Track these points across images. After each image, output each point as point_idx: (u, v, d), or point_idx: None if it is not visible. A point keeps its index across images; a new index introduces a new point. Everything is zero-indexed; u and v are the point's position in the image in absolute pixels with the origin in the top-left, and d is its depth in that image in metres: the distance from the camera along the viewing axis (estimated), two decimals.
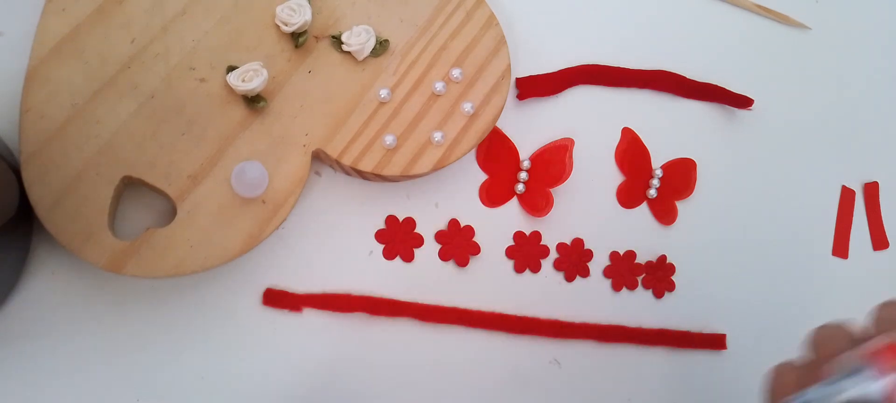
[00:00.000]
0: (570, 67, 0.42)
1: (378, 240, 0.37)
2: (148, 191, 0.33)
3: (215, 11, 0.35)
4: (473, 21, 0.38)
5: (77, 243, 0.31)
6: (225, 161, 0.33)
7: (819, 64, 0.48)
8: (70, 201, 0.31)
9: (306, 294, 0.36)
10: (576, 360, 0.39)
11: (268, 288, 0.35)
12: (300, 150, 0.34)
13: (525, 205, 0.40)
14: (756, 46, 0.46)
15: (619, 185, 0.42)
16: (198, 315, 0.34)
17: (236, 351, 0.35)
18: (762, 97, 0.45)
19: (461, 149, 0.36)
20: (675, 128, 0.43)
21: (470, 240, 0.38)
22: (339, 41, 0.36)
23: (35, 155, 0.31)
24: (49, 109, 0.32)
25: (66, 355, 0.33)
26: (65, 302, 0.33)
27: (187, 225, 0.32)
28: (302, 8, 0.35)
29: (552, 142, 0.40)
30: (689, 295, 0.42)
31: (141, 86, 0.33)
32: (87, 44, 0.33)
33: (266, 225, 0.33)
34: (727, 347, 0.42)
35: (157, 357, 0.34)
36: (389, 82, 0.36)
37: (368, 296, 0.36)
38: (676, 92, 0.44)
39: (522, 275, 0.39)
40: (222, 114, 0.34)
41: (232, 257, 0.32)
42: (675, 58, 0.44)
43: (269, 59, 0.35)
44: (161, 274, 0.31)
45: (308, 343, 0.35)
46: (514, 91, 0.41)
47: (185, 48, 0.34)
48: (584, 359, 0.39)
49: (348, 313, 0.36)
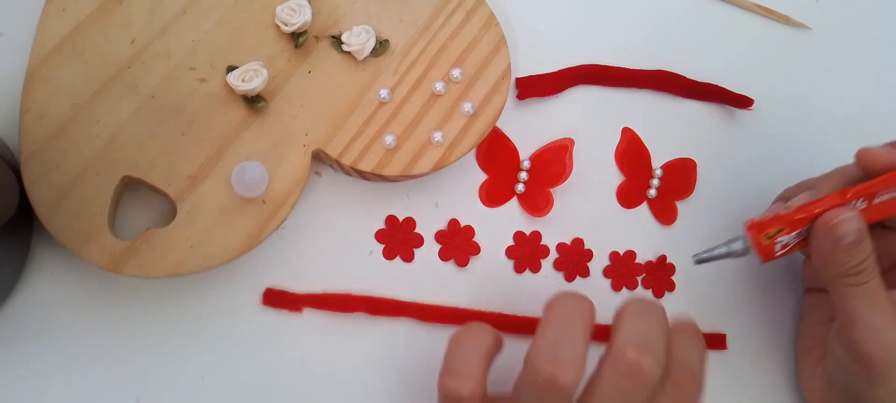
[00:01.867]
0: (570, 67, 0.42)
1: (378, 240, 0.37)
2: (148, 191, 0.33)
3: (215, 11, 0.35)
4: (473, 21, 0.38)
5: (77, 243, 0.31)
6: (225, 161, 0.33)
7: (819, 64, 0.48)
8: (70, 201, 0.31)
9: (306, 294, 0.36)
10: None
11: (268, 287, 0.35)
12: (300, 150, 0.34)
13: (525, 205, 0.40)
14: (756, 46, 0.46)
15: (619, 185, 0.42)
16: (198, 315, 0.34)
17: (236, 351, 0.35)
18: (762, 97, 0.45)
19: (461, 149, 0.36)
20: (675, 128, 0.43)
21: (470, 240, 0.38)
22: (339, 41, 0.36)
23: (35, 155, 0.31)
24: (49, 109, 0.32)
25: (66, 355, 0.33)
26: (65, 302, 0.33)
27: (187, 225, 0.32)
28: (302, 8, 0.35)
29: (552, 142, 0.40)
30: (689, 295, 0.42)
31: (141, 86, 0.33)
32: (87, 44, 0.33)
33: (266, 225, 0.33)
34: (727, 347, 0.42)
35: (157, 357, 0.34)
36: (389, 82, 0.36)
37: (368, 296, 0.36)
38: (676, 92, 0.44)
39: (522, 275, 0.39)
40: (222, 114, 0.34)
41: (232, 257, 0.32)
42: (675, 58, 0.44)
43: (269, 59, 0.35)
44: (161, 274, 0.31)
45: (308, 344, 0.35)
46: (514, 91, 0.41)
47: (185, 48, 0.34)
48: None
49: (348, 313, 0.36)
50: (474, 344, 0.32)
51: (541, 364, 0.29)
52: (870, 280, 0.33)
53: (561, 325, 0.30)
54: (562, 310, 0.31)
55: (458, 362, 0.31)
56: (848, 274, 0.34)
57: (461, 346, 0.32)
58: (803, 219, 0.34)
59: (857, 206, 0.34)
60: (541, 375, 0.29)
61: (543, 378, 0.29)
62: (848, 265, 0.33)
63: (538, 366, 0.29)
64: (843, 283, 0.34)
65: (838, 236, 0.33)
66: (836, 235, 0.33)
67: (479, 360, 0.31)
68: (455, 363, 0.31)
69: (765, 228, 0.35)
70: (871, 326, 0.33)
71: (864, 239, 0.33)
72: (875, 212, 0.34)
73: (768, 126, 0.45)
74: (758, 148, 0.45)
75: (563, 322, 0.30)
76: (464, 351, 0.31)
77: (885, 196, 0.33)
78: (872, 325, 0.33)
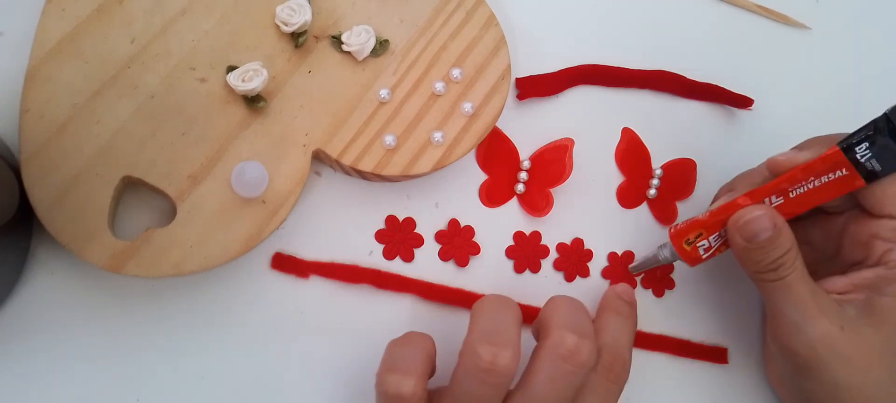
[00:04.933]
0: (570, 67, 0.42)
1: (378, 240, 0.37)
2: (148, 191, 0.33)
3: (215, 11, 0.35)
4: (473, 21, 0.38)
5: (77, 243, 0.31)
6: (225, 161, 0.33)
7: (819, 64, 0.48)
8: (70, 201, 0.31)
9: (314, 261, 0.36)
10: None
11: (276, 252, 0.35)
12: (300, 150, 0.34)
13: (525, 205, 0.40)
14: (756, 46, 0.46)
15: (619, 185, 0.42)
16: (198, 315, 0.34)
17: (236, 352, 0.35)
18: (762, 97, 0.45)
19: (461, 149, 0.36)
20: (675, 128, 0.43)
21: (470, 240, 0.38)
22: (339, 41, 0.36)
23: (35, 155, 0.31)
24: (49, 109, 0.32)
25: (66, 355, 0.33)
26: (65, 302, 0.33)
27: (187, 225, 0.32)
28: (302, 8, 0.35)
29: (552, 142, 0.40)
30: (689, 295, 0.42)
31: (141, 86, 0.33)
32: (87, 44, 0.33)
33: (266, 225, 0.33)
34: (729, 361, 0.41)
35: (157, 357, 0.34)
36: (389, 82, 0.36)
37: (375, 269, 0.37)
38: (676, 92, 0.44)
39: (522, 275, 0.39)
40: (222, 114, 0.34)
41: (232, 257, 0.32)
42: (675, 58, 0.44)
43: (269, 59, 0.35)
44: (161, 274, 0.31)
45: (308, 343, 0.35)
46: (514, 91, 0.41)
47: (185, 48, 0.34)
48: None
49: (354, 284, 0.36)
50: (414, 346, 0.32)
51: (480, 348, 0.29)
52: (788, 274, 0.33)
53: (492, 315, 0.32)
54: (490, 304, 0.32)
55: (399, 360, 0.31)
56: (766, 271, 0.34)
57: (400, 348, 0.32)
58: (719, 222, 0.35)
59: (771, 203, 0.34)
60: (481, 359, 0.29)
61: (484, 360, 0.29)
62: (765, 262, 0.33)
63: (478, 350, 0.29)
64: (762, 280, 0.34)
65: (750, 234, 0.33)
66: (748, 234, 0.33)
67: (420, 359, 0.31)
68: (395, 361, 0.31)
69: (684, 235, 0.36)
70: (793, 322, 0.33)
71: (780, 235, 0.33)
72: (794, 205, 0.34)
73: (768, 126, 0.45)
74: (758, 148, 0.45)
75: (493, 312, 0.32)
76: (404, 352, 0.31)
77: (800, 189, 0.33)
78: (794, 321, 0.33)
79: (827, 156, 0.32)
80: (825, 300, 0.33)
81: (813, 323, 0.33)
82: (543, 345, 0.31)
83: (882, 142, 0.31)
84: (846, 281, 0.34)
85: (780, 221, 0.33)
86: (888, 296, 0.33)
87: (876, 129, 0.31)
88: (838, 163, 0.32)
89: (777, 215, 0.33)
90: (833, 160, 0.32)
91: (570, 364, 0.30)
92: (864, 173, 0.32)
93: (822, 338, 0.33)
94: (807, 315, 0.33)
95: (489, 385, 0.30)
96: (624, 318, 0.35)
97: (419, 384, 0.30)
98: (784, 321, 0.34)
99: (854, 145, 0.31)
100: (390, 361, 0.31)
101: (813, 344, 0.33)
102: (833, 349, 0.33)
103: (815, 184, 0.33)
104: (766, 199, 0.34)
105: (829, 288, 0.34)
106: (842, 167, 0.32)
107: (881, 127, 0.31)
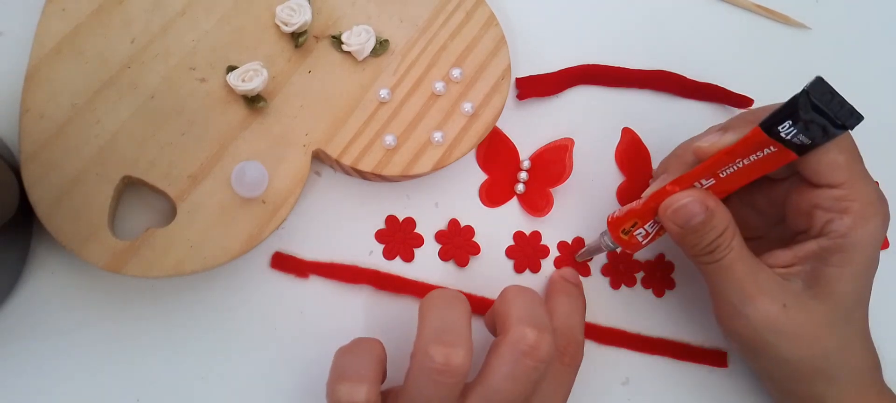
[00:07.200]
0: (570, 67, 0.42)
1: (378, 240, 0.37)
2: (148, 191, 0.34)
3: (215, 11, 0.35)
4: (473, 21, 0.38)
5: (77, 243, 0.31)
6: (225, 161, 0.33)
7: (819, 64, 0.48)
8: (70, 201, 0.31)
9: (313, 261, 0.36)
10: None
11: (276, 251, 0.35)
12: (300, 150, 0.35)
13: (525, 205, 0.40)
14: (756, 46, 0.46)
15: (619, 185, 0.42)
16: (198, 314, 0.34)
17: (236, 352, 0.35)
18: (762, 97, 0.45)
19: (461, 149, 0.36)
20: (675, 128, 0.43)
21: (470, 240, 0.38)
22: (339, 41, 0.36)
23: (35, 155, 0.31)
24: (49, 109, 0.32)
25: (66, 355, 0.33)
26: (65, 302, 0.33)
27: (187, 225, 0.32)
28: (302, 8, 0.35)
29: (552, 142, 0.40)
30: (689, 294, 0.42)
31: (141, 86, 0.33)
32: (87, 44, 0.33)
33: (266, 225, 0.33)
34: (728, 365, 0.41)
35: (157, 357, 0.34)
36: (389, 82, 0.36)
37: (375, 270, 0.37)
38: (676, 92, 0.44)
39: (522, 275, 0.39)
40: (222, 114, 0.34)
41: (232, 257, 0.32)
42: (675, 58, 0.44)
43: (269, 59, 0.35)
44: (161, 274, 0.31)
45: (308, 343, 0.35)
46: (514, 91, 0.41)
47: (185, 48, 0.34)
48: (583, 359, 0.39)
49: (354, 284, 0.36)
50: (363, 352, 0.31)
51: (432, 349, 0.29)
52: (725, 255, 0.33)
53: (441, 313, 0.31)
54: (438, 301, 0.32)
55: (349, 368, 0.30)
56: (703, 254, 0.34)
57: (349, 356, 0.31)
58: (651, 209, 0.35)
59: (702, 186, 0.34)
60: (433, 360, 0.29)
61: (437, 362, 0.29)
62: (700, 245, 0.33)
63: (430, 352, 0.29)
64: (701, 263, 0.34)
65: (681, 221, 0.33)
66: (680, 220, 0.33)
67: (371, 365, 0.30)
68: (345, 369, 0.30)
69: (621, 224, 0.36)
70: (732, 305, 0.33)
71: (712, 217, 0.33)
72: (726, 184, 0.33)
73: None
74: None
75: (442, 310, 0.31)
76: (353, 360, 0.31)
77: (730, 169, 0.33)
78: (733, 303, 0.33)
79: (748, 138, 0.32)
80: (766, 278, 0.33)
81: (753, 304, 0.33)
82: (503, 341, 0.30)
83: (807, 117, 0.30)
84: (790, 255, 0.34)
85: (711, 203, 0.33)
86: (832, 266, 0.33)
87: (798, 106, 0.31)
88: (762, 143, 0.31)
89: (709, 197, 0.33)
90: (755, 141, 0.31)
91: (531, 360, 0.30)
92: (794, 148, 0.31)
93: (763, 320, 0.33)
94: (746, 296, 0.33)
95: (444, 386, 0.29)
96: (573, 299, 0.35)
97: (372, 390, 0.29)
98: (725, 304, 0.34)
99: (776, 124, 0.31)
100: (340, 370, 0.30)
101: (755, 326, 0.33)
102: (775, 329, 0.33)
103: (743, 163, 0.32)
104: (697, 183, 0.34)
105: (773, 263, 0.34)
106: (768, 146, 0.32)
107: (804, 103, 0.31)
